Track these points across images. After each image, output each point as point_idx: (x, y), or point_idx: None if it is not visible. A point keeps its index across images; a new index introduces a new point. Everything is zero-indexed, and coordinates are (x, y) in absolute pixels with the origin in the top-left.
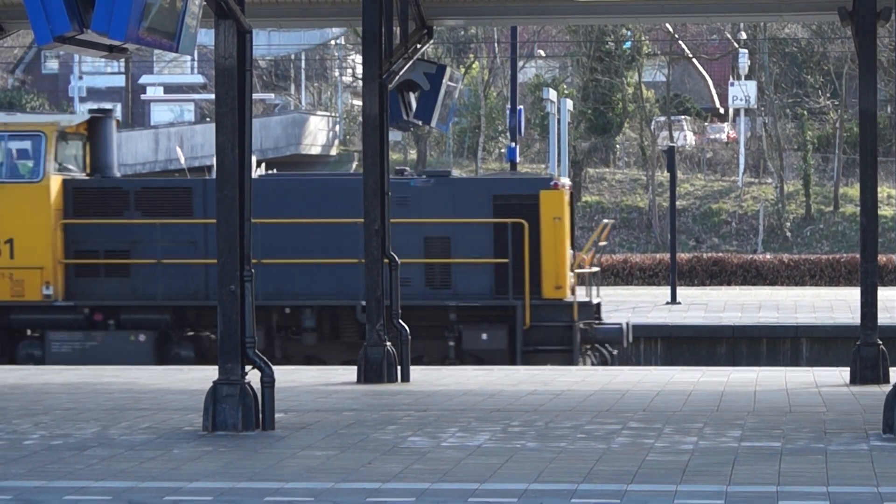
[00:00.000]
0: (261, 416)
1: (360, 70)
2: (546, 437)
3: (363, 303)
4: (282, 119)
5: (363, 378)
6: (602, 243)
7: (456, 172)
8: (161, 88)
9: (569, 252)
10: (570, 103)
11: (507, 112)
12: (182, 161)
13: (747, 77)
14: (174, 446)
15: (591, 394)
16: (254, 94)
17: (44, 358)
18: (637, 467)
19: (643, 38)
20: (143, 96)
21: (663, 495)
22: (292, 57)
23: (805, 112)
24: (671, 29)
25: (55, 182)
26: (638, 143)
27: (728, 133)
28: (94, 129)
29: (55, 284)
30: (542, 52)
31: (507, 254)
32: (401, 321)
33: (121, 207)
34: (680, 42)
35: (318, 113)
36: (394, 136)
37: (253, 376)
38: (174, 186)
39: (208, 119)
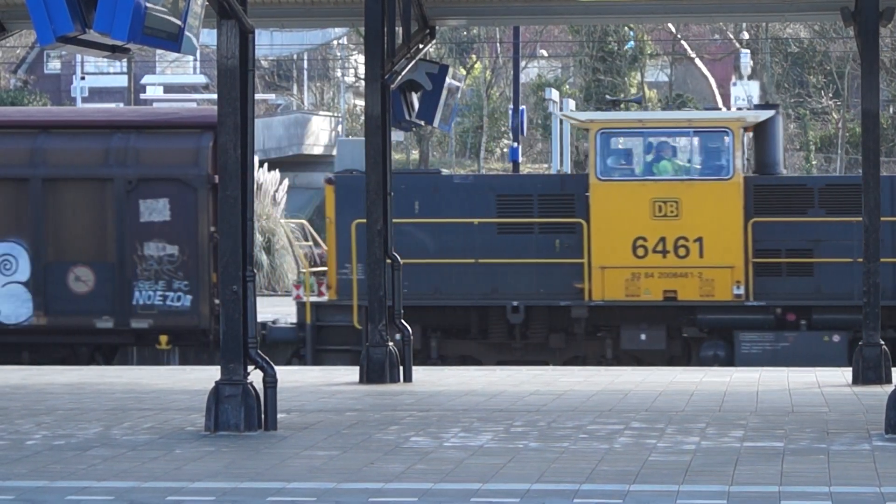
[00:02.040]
0: (263, 416)
1: (362, 70)
2: (548, 438)
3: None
4: (284, 119)
5: (365, 378)
6: None
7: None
8: (161, 88)
9: None
10: (572, 103)
11: (510, 112)
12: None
13: (750, 77)
14: (176, 446)
15: (593, 394)
16: (256, 95)
17: (732, 359)
18: (639, 467)
19: (646, 39)
20: (142, 95)
21: (666, 495)
22: (295, 57)
23: (807, 112)
24: (673, 29)
25: (741, 179)
26: None
27: None
28: (761, 125)
29: (745, 284)
30: (544, 53)
31: None
32: (403, 321)
33: (805, 205)
34: (682, 42)
35: (321, 113)
36: (396, 136)
37: (255, 376)
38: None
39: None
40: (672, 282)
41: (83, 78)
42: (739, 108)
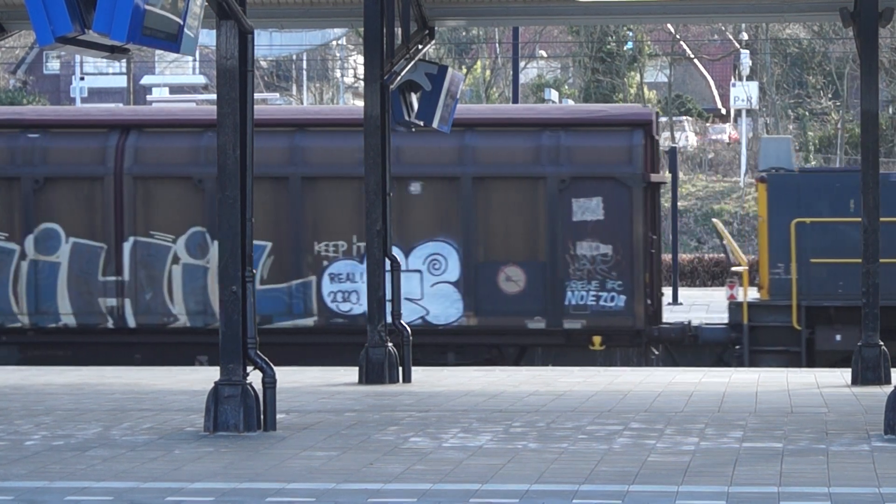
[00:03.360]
0: (262, 416)
1: (361, 71)
2: (547, 438)
3: None
4: None
5: (365, 379)
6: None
7: None
8: (167, 89)
9: None
10: (571, 104)
11: None
12: None
13: (749, 78)
14: (176, 447)
15: (592, 395)
16: (255, 95)
17: None
18: (638, 468)
19: (645, 39)
20: (148, 97)
21: (665, 496)
22: (294, 57)
23: (807, 113)
24: (673, 29)
25: None
26: None
27: (730, 134)
28: None
29: None
30: (543, 53)
31: None
32: (402, 322)
33: None
34: (681, 43)
35: None
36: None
37: (255, 377)
38: None
39: None
40: None
41: (82, 78)
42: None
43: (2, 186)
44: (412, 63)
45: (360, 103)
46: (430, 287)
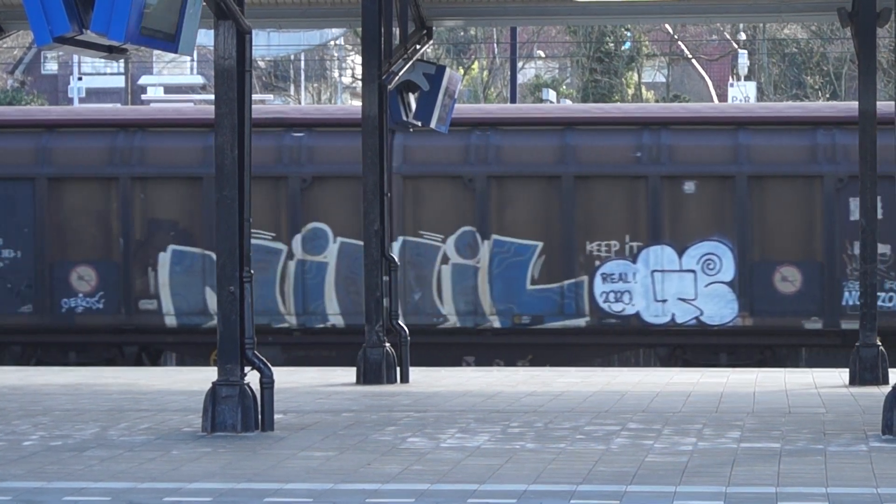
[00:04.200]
0: (260, 417)
1: (359, 71)
2: (545, 438)
3: None
4: None
5: (362, 379)
6: None
7: None
8: (161, 89)
9: None
10: (569, 104)
11: None
12: None
13: (747, 78)
14: (173, 447)
15: (590, 395)
16: (253, 95)
17: None
18: (636, 468)
19: (643, 39)
20: (143, 97)
21: (662, 496)
22: (292, 57)
23: None
24: (671, 30)
25: None
26: None
27: None
28: None
29: None
30: (541, 53)
31: None
32: (400, 322)
33: None
34: (679, 43)
35: None
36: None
37: (252, 377)
38: None
39: None
40: None
41: (80, 78)
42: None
43: (268, 186)
44: (410, 63)
45: (358, 103)
46: (705, 287)
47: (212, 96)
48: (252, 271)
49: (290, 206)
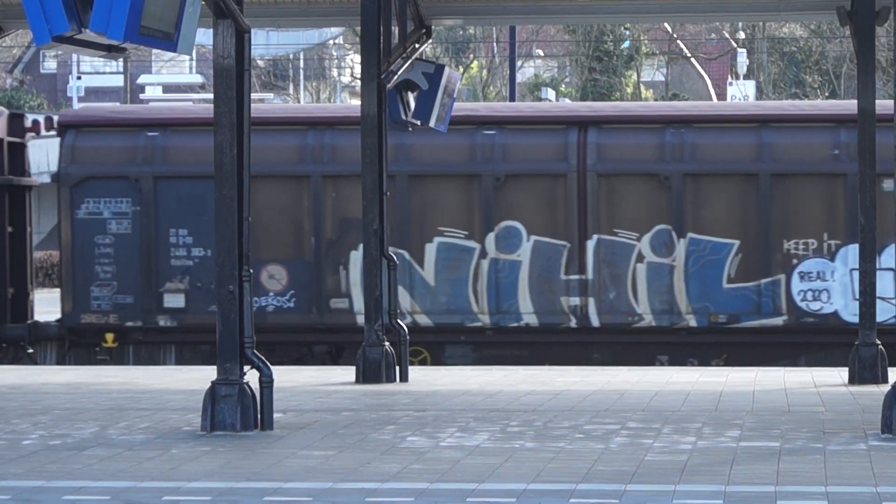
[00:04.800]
0: (259, 416)
1: (358, 70)
2: (544, 437)
3: None
4: None
5: (362, 378)
6: None
7: None
8: (160, 88)
9: None
10: (568, 103)
11: None
12: None
13: (746, 77)
14: (173, 446)
15: (589, 394)
16: (252, 94)
17: None
18: (636, 467)
19: (642, 38)
20: (141, 96)
21: (662, 495)
22: (291, 57)
23: None
24: (670, 28)
25: None
26: None
27: None
28: None
29: None
30: (540, 52)
31: None
32: (399, 321)
33: None
34: (678, 42)
35: None
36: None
37: (252, 376)
38: None
39: None
40: None
41: (79, 77)
42: None
43: (462, 184)
44: (409, 62)
45: (358, 102)
46: None
47: (210, 95)
48: (251, 270)
49: (484, 205)
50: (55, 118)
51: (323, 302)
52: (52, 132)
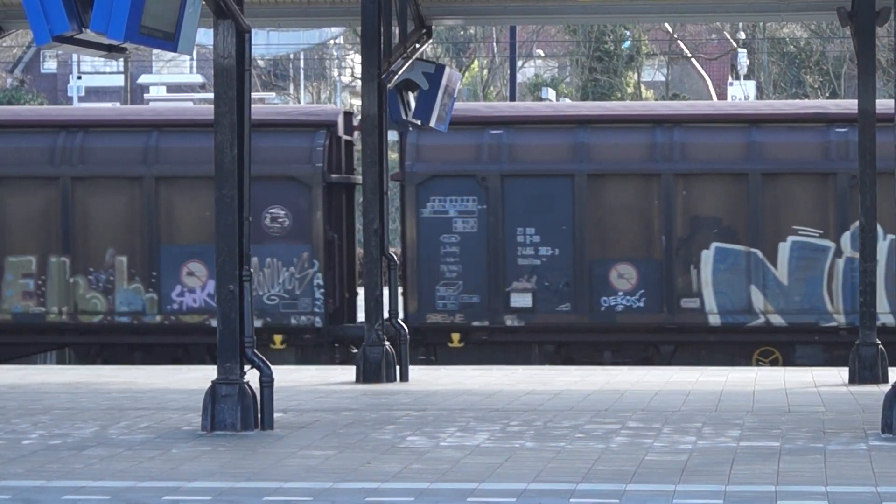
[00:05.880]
0: (260, 415)
1: (358, 70)
2: (545, 437)
3: None
4: None
5: (362, 378)
6: None
7: None
8: (164, 88)
9: None
10: (568, 103)
11: None
12: None
13: (746, 77)
14: (173, 446)
15: (589, 393)
16: (253, 94)
17: None
18: (636, 467)
19: (642, 38)
20: (146, 96)
21: (662, 495)
22: (291, 56)
23: None
24: (670, 29)
25: None
26: None
27: None
28: None
29: None
30: (541, 52)
31: None
32: (399, 320)
33: None
34: (679, 42)
35: None
36: (392, 135)
37: (252, 376)
38: None
39: None
40: None
41: (80, 77)
42: None
43: (815, 183)
44: (409, 62)
45: (358, 102)
46: None
47: (211, 95)
48: (251, 270)
49: (839, 204)
50: None
51: (674, 301)
52: None
